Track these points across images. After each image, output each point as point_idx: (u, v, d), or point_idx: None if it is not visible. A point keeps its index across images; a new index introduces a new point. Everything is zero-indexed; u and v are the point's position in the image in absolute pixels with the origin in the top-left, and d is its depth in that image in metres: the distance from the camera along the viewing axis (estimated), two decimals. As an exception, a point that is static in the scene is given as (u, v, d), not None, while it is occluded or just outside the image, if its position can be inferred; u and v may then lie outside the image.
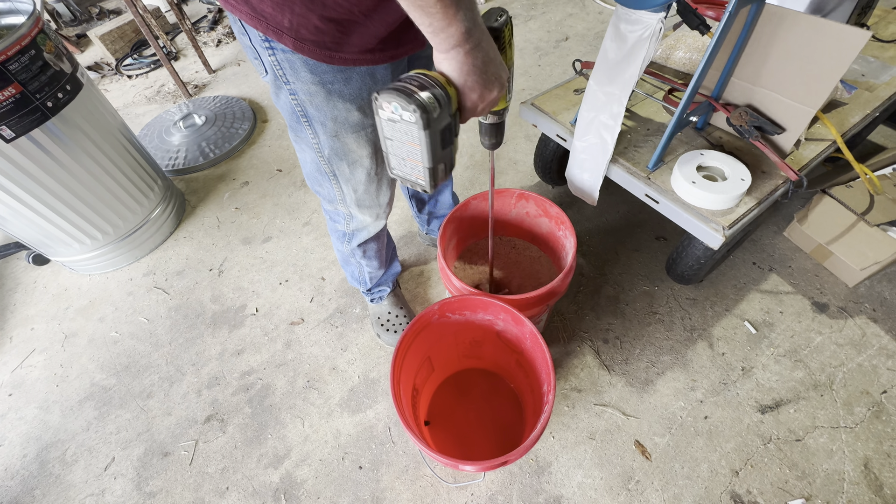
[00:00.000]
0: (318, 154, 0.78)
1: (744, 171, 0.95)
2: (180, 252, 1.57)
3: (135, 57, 2.54)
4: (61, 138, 1.20)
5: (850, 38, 0.79)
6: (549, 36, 2.35)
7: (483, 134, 0.69)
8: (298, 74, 0.64)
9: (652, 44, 0.79)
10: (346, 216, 0.93)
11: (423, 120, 0.48)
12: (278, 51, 0.61)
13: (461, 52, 0.48)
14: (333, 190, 0.86)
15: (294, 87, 0.66)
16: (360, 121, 0.72)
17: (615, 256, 1.41)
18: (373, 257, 1.09)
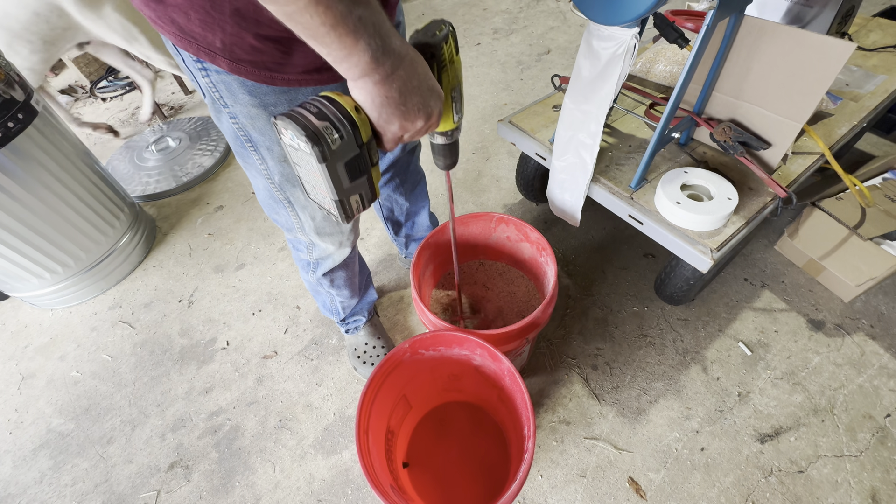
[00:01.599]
0: (268, 181, 0.72)
1: (730, 190, 0.90)
2: (149, 283, 1.50)
3: (110, 79, 2.49)
4: (12, 170, 1.14)
5: (834, 51, 0.75)
6: (531, 49, 2.33)
7: (434, 153, 0.64)
8: (237, 97, 0.58)
9: (626, 60, 0.74)
10: (308, 245, 0.87)
11: (317, 153, 0.43)
12: (212, 72, 0.56)
13: (370, 82, 0.43)
14: (290, 218, 0.79)
15: (234, 111, 0.60)
16: None
17: (602, 275, 1.35)
18: (342, 286, 1.02)
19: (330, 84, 0.61)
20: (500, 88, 2.10)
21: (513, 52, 2.33)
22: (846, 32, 1.31)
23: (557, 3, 2.68)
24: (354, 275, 1.04)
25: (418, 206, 1.19)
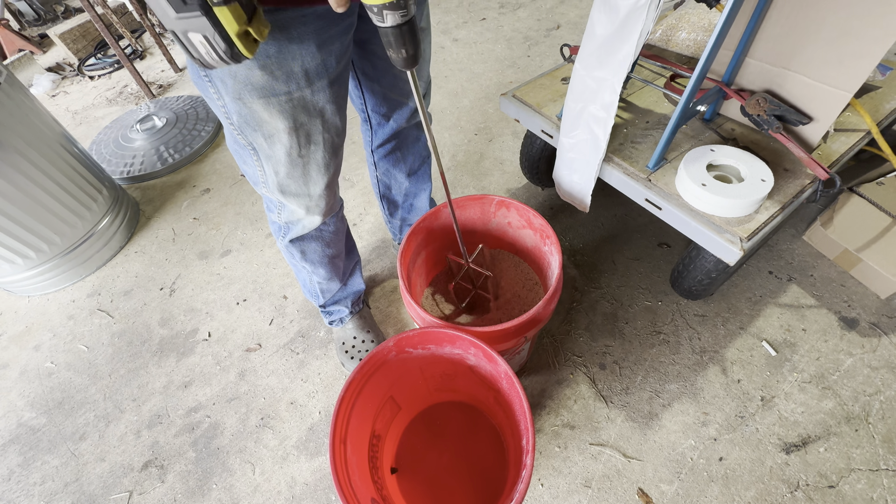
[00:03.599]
0: (227, 120, 0.64)
1: (764, 171, 0.79)
2: (129, 269, 1.42)
3: (98, 57, 2.38)
4: (-28, 145, 1.05)
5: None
6: (540, 24, 2.18)
7: (386, 44, 0.47)
8: None
9: (651, 13, 0.62)
10: (277, 204, 0.78)
11: None
12: None
13: None
14: (256, 169, 0.71)
15: None
16: (267, 84, 0.57)
17: (612, 266, 1.24)
18: (317, 263, 0.93)
19: (290, 7, 0.51)
20: (505, 65, 1.97)
21: (520, 28, 2.18)
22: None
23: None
24: (335, 255, 0.94)
25: (418, 188, 1.09)
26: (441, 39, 2.19)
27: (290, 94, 0.60)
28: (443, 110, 1.81)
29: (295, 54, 0.57)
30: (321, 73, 0.60)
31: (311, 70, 0.59)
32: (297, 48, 0.56)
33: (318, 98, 0.63)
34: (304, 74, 0.59)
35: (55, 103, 2.23)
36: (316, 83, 0.61)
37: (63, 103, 2.21)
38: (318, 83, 0.61)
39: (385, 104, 0.87)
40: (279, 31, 0.53)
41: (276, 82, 0.57)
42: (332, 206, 0.82)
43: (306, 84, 0.60)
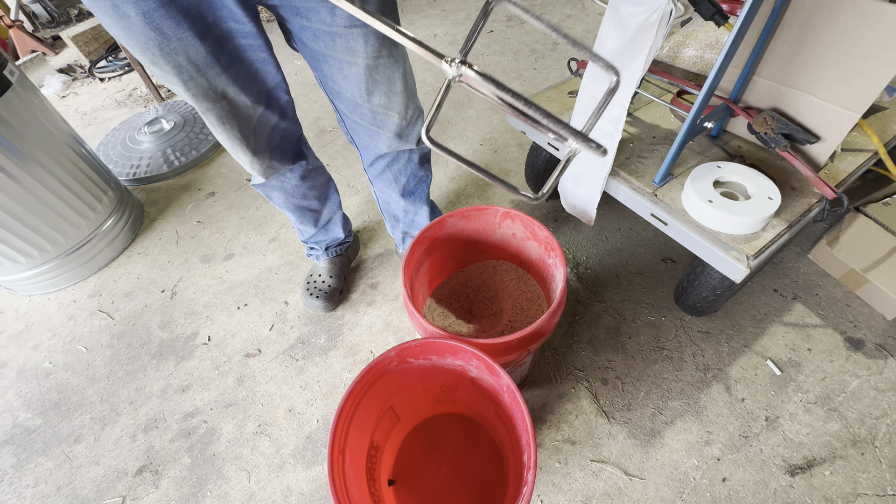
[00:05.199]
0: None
1: (771, 189, 0.78)
2: (132, 270, 1.42)
3: (109, 59, 2.41)
4: (-19, 144, 1.05)
5: (911, 23, 0.63)
6: (546, 38, 2.20)
7: None
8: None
9: (661, 30, 0.63)
10: None
11: None
12: None
13: None
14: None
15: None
16: (167, 76, 0.65)
17: (616, 280, 1.24)
18: (283, 207, 1.05)
19: None
20: (512, 77, 1.99)
21: (527, 41, 2.20)
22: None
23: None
24: (300, 205, 1.05)
25: (416, 207, 1.10)
26: (449, 51, 2.21)
27: (184, 83, 0.65)
28: (448, 120, 1.82)
29: (176, 53, 0.61)
30: (211, 64, 0.64)
31: (201, 63, 0.64)
32: (177, 46, 0.60)
33: (217, 85, 0.67)
34: (193, 66, 0.63)
35: (65, 104, 2.25)
36: (210, 74, 0.65)
37: (73, 104, 2.23)
38: (211, 74, 0.65)
39: (357, 130, 0.88)
40: (150, 26, 0.57)
41: (169, 76, 0.64)
42: (271, 170, 0.89)
43: (194, 71, 0.64)
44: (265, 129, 0.82)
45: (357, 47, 0.70)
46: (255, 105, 0.75)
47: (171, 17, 0.57)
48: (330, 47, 0.70)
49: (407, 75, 0.80)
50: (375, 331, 1.19)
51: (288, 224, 1.49)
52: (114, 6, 0.55)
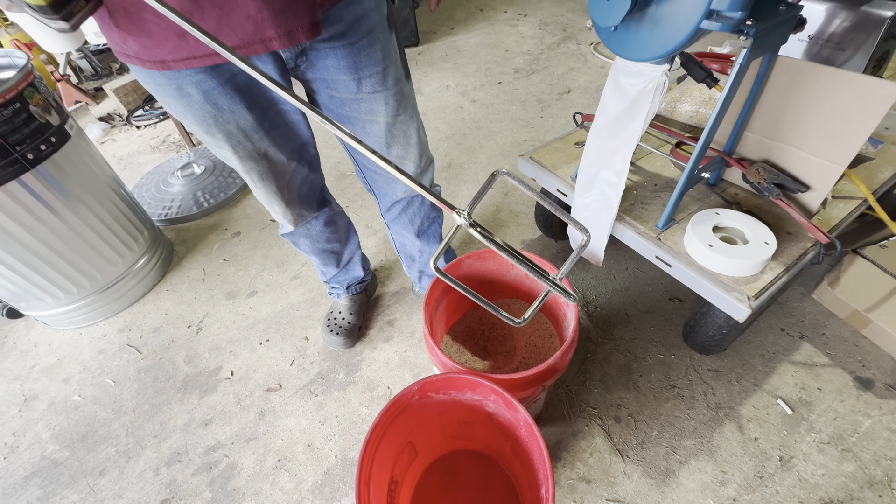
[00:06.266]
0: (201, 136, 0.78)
1: (767, 234, 0.84)
2: (160, 306, 1.49)
3: (146, 108, 2.61)
4: (39, 191, 1.16)
5: (880, 92, 0.71)
6: (552, 89, 2.36)
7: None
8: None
9: (656, 97, 0.71)
10: None
11: None
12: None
13: None
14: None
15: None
16: (216, 141, 0.75)
17: (626, 319, 1.28)
18: (309, 252, 1.12)
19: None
20: (520, 125, 2.11)
21: (533, 91, 2.36)
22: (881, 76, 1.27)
23: (578, 46, 2.74)
24: (324, 248, 1.12)
25: (430, 246, 1.17)
26: (460, 100, 2.36)
27: (232, 147, 0.75)
28: (461, 164, 1.93)
29: (227, 123, 0.71)
30: (256, 129, 0.74)
31: (247, 128, 0.73)
32: (228, 116, 0.70)
33: (259, 146, 0.77)
34: (241, 132, 0.73)
35: (103, 149, 2.41)
36: (254, 137, 0.75)
37: (110, 149, 2.40)
38: (255, 137, 0.75)
39: (375, 179, 0.97)
40: (209, 102, 0.67)
41: (220, 142, 0.73)
42: (300, 218, 0.98)
43: (242, 136, 0.74)
44: (296, 181, 0.90)
45: (378, 108, 0.79)
46: (289, 161, 0.84)
47: (227, 94, 0.67)
48: (354, 110, 0.79)
49: (420, 129, 0.90)
50: (392, 367, 1.23)
51: (309, 263, 1.56)
52: (178, 88, 0.65)
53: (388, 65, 0.74)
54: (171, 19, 0.51)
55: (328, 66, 0.70)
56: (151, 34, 0.56)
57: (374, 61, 0.71)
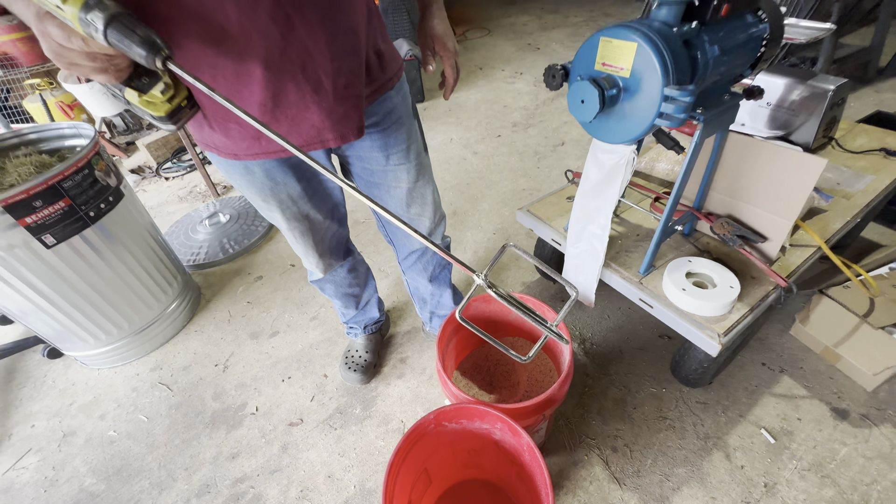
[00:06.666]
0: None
1: (732, 279, 0.98)
2: (189, 346, 1.61)
3: (174, 161, 2.84)
4: (95, 242, 1.32)
5: (808, 164, 0.87)
6: (547, 141, 2.57)
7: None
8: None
9: (628, 169, 0.88)
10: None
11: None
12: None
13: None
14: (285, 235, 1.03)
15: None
16: (270, 207, 0.92)
17: (620, 355, 1.39)
18: (333, 296, 1.27)
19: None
20: (518, 175, 2.31)
21: (530, 143, 2.57)
22: (832, 137, 1.46)
23: (570, 102, 3.00)
24: (347, 292, 1.26)
25: (441, 290, 1.30)
26: (463, 152, 2.58)
27: (283, 212, 0.91)
28: (465, 212, 2.10)
29: (281, 193, 0.87)
30: (302, 196, 0.90)
31: (296, 196, 0.89)
32: (282, 188, 0.87)
33: (304, 209, 0.93)
34: (291, 199, 0.89)
35: (133, 199, 2.61)
36: (300, 202, 0.91)
37: (142, 199, 2.58)
38: (301, 202, 0.91)
39: (396, 233, 1.14)
40: (268, 177, 0.84)
41: (273, 207, 0.89)
42: (329, 267, 1.13)
43: (291, 203, 0.90)
44: (328, 235, 1.06)
45: (402, 177, 0.96)
46: (325, 220, 1.00)
47: (282, 170, 0.84)
48: (382, 178, 0.96)
49: (434, 192, 1.06)
50: (405, 402, 1.33)
51: (326, 304, 1.70)
52: (245, 168, 0.82)
53: (411, 143, 0.91)
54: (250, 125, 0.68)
55: (363, 146, 0.87)
56: (231, 136, 0.73)
57: (399, 141, 0.89)
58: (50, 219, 1.18)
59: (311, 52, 0.62)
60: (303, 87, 0.65)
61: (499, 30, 4.45)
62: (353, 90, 0.70)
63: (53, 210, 1.18)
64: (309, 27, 0.60)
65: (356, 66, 0.69)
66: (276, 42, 0.59)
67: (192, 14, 0.56)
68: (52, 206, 1.18)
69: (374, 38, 0.75)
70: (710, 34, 0.76)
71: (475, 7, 5.21)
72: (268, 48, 0.60)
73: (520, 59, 3.74)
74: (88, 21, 0.48)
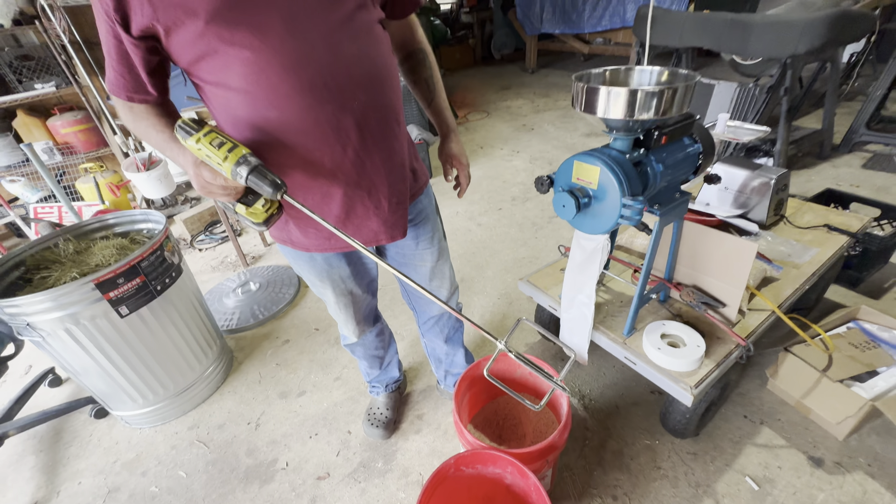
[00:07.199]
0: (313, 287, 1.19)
1: (699, 339, 1.18)
2: (224, 406, 1.76)
3: (207, 233, 3.14)
4: (157, 312, 1.54)
5: (745, 248, 1.11)
6: (543, 213, 2.87)
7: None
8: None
9: (604, 253, 1.12)
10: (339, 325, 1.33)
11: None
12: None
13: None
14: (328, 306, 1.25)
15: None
16: (324, 287, 1.15)
17: (616, 410, 1.54)
18: (361, 358, 1.46)
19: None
20: (518, 245, 2.57)
21: (528, 216, 2.87)
22: (783, 215, 1.72)
23: (563, 177, 3.35)
24: (373, 354, 1.45)
25: (455, 350, 1.50)
26: (468, 224, 2.87)
27: (334, 289, 1.13)
28: (472, 279, 2.33)
29: (335, 275, 1.10)
30: (350, 276, 1.13)
31: (345, 276, 1.13)
32: (336, 271, 1.10)
33: (350, 287, 1.15)
34: (341, 279, 1.12)
35: (168, 269, 2.87)
36: (347, 281, 1.14)
37: (176, 269, 2.85)
38: (348, 281, 1.14)
39: (418, 301, 1.36)
40: (326, 263, 1.08)
41: (326, 285, 1.12)
42: (362, 332, 1.32)
43: (341, 282, 1.13)
44: (364, 305, 1.28)
45: (427, 258, 1.20)
46: (364, 293, 1.23)
47: (337, 257, 1.08)
48: (410, 259, 1.20)
49: (451, 268, 1.30)
50: (423, 455, 1.47)
51: (349, 365, 1.87)
52: (310, 256, 1.06)
53: (435, 232, 1.17)
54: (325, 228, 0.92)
55: None
56: (309, 236, 0.98)
57: (426, 231, 1.14)
58: (127, 293, 1.42)
59: (375, 182, 0.89)
60: (367, 205, 0.91)
61: (496, 112, 5.00)
62: (402, 205, 0.97)
63: (131, 286, 1.42)
64: (375, 166, 0.88)
65: (404, 188, 0.96)
66: (352, 177, 0.86)
67: (300, 161, 0.83)
68: (130, 283, 1.42)
69: (412, 161, 1.03)
70: (656, 156, 1.04)
71: (475, 93, 5.85)
72: (346, 180, 0.87)
73: (516, 138, 4.19)
74: (237, 172, 0.74)
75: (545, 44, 6.22)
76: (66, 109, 3.50)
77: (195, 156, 0.76)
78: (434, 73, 1.07)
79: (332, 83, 0.77)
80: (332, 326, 2.11)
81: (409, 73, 1.06)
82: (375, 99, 0.84)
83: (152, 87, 0.80)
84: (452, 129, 1.12)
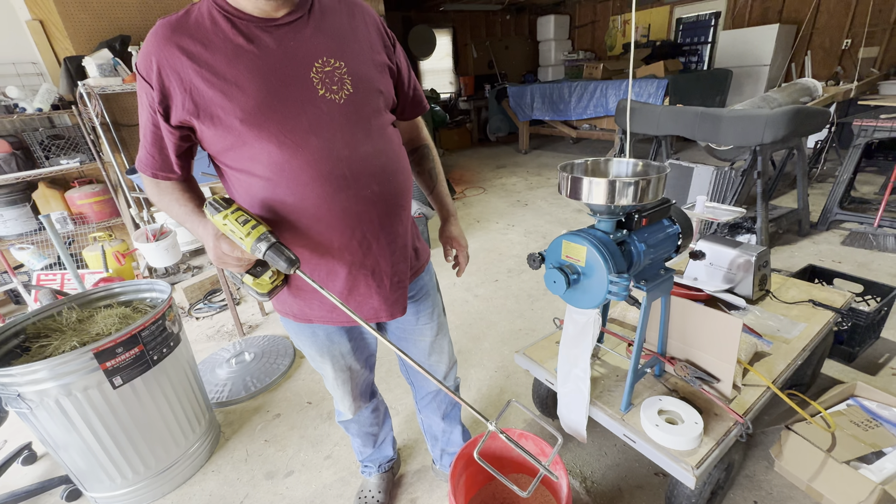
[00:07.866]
0: (312, 362, 1.19)
1: (696, 416, 1.17)
2: (205, 488, 1.66)
3: (205, 302, 3.16)
4: (150, 383, 1.52)
5: (729, 323, 1.15)
6: (538, 285, 2.93)
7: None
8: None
9: (595, 326, 1.15)
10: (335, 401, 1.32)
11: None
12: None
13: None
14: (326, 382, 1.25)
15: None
16: (324, 363, 1.17)
17: (619, 493, 1.46)
18: (355, 435, 1.41)
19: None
20: (515, 316, 2.59)
21: (524, 287, 2.93)
22: (768, 290, 1.78)
23: (556, 250, 3.47)
24: (367, 431, 1.40)
25: (451, 427, 1.46)
26: (465, 295, 2.92)
27: (333, 364, 1.14)
28: (469, 351, 2.32)
29: (335, 350, 1.12)
30: (350, 352, 1.15)
31: (345, 352, 1.14)
32: (336, 346, 1.12)
33: (349, 362, 1.16)
34: (341, 355, 1.14)
35: (163, 337, 2.85)
36: (347, 357, 1.16)
37: (170, 338, 2.83)
38: (348, 356, 1.16)
39: (416, 376, 1.37)
40: (328, 338, 1.10)
41: (326, 360, 1.13)
42: (358, 408, 1.30)
43: (340, 357, 1.14)
44: (361, 380, 1.28)
45: (426, 332, 1.23)
46: (362, 368, 1.23)
47: (339, 333, 1.11)
48: (410, 333, 1.23)
49: (449, 343, 1.32)
50: (416, 546, 1.36)
51: (340, 442, 1.80)
52: (312, 331, 1.09)
53: (434, 308, 1.21)
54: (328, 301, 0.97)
55: None
56: (312, 308, 1.02)
57: (427, 307, 1.18)
58: (123, 363, 1.41)
59: (379, 262, 0.96)
60: (370, 283, 0.97)
61: (492, 189, 5.29)
62: (402, 283, 1.03)
63: (129, 355, 1.42)
64: (381, 248, 0.95)
65: (405, 267, 1.03)
66: (358, 257, 0.93)
67: (311, 241, 0.91)
68: (128, 352, 1.42)
69: (414, 241, 1.11)
70: (638, 236, 1.12)
71: (472, 171, 6.24)
72: (352, 260, 0.93)
73: (511, 213, 4.39)
74: (257, 247, 0.81)
75: (537, 128, 6.77)
76: (86, 182, 3.71)
77: (218, 229, 0.83)
78: (436, 165, 1.19)
79: (350, 174, 0.87)
80: (325, 400, 2.06)
81: (415, 165, 1.18)
82: (387, 188, 0.93)
83: (178, 168, 0.90)
84: (452, 213, 1.22)
